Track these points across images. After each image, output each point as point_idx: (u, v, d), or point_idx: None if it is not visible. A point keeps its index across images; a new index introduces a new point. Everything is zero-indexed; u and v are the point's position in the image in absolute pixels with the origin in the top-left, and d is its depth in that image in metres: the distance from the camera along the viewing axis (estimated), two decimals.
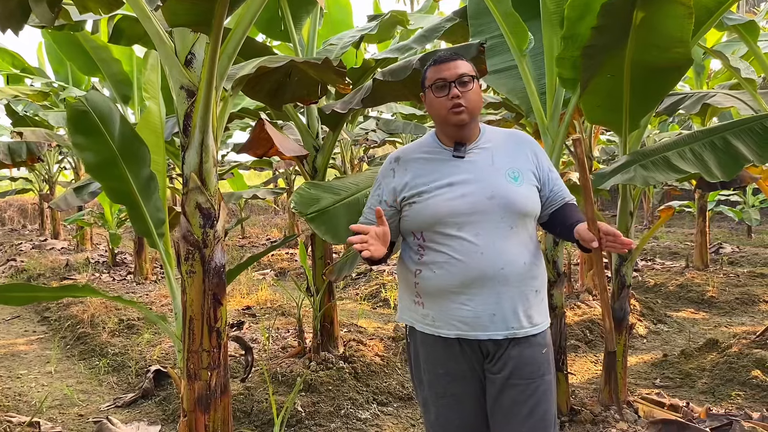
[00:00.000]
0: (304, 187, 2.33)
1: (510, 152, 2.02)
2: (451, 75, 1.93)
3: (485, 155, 1.99)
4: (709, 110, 6.17)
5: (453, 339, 1.97)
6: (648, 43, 2.81)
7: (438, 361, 2.02)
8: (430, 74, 1.99)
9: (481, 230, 1.90)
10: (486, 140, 2.03)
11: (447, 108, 1.94)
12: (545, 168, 2.07)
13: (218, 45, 1.96)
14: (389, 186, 2.05)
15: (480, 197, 1.92)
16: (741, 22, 4.52)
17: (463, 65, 1.95)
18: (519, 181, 1.96)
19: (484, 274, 1.89)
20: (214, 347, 2.20)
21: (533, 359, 1.96)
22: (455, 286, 1.92)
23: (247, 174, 15.87)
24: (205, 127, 2.09)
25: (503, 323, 1.92)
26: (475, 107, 1.96)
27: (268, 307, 6.49)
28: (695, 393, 4.18)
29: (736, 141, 3.09)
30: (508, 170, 1.97)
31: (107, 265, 9.09)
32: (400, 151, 2.12)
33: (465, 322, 1.93)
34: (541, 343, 1.99)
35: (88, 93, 2.31)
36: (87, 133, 2.27)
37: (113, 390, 4.51)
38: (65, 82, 8.95)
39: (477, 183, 1.94)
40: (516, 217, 1.93)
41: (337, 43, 4.71)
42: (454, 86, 1.92)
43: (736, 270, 8.03)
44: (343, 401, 3.95)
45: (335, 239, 2.76)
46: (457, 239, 1.91)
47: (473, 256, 1.89)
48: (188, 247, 2.17)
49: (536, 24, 3.42)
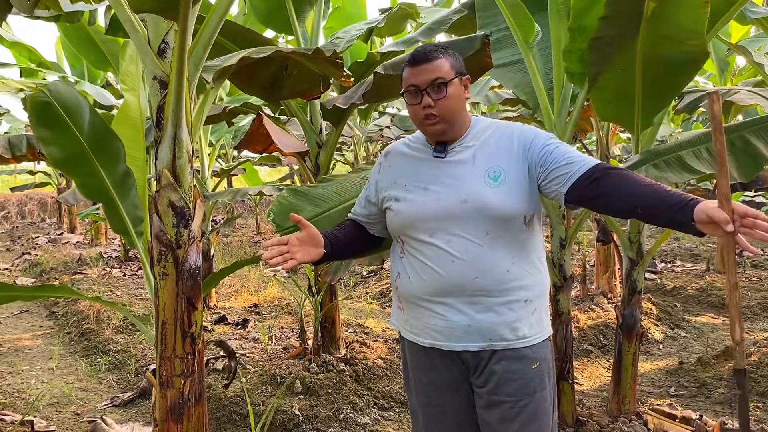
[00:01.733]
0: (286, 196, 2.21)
1: (495, 149, 1.83)
2: (422, 81, 1.76)
3: (467, 154, 1.83)
4: (732, 108, 5.94)
5: (429, 348, 1.85)
6: (660, 35, 2.64)
7: (422, 370, 1.92)
8: (404, 75, 1.83)
9: (453, 237, 1.76)
10: (472, 137, 1.86)
11: (420, 117, 1.80)
12: (539, 147, 1.79)
13: (187, 32, 1.83)
14: (375, 179, 1.97)
15: (453, 201, 1.78)
16: (765, 15, 4.31)
17: (438, 67, 1.76)
18: (500, 181, 1.77)
19: (457, 283, 1.76)
20: (188, 353, 2.09)
21: (521, 375, 1.80)
22: (428, 293, 1.80)
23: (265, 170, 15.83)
24: (178, 121, 1.98)
25: (479, 335, 1.78)
26: (452, 114, 1.79)
27: (275, 305, 6.40)
28: (711, 403, 3.99)
29: (755, 140, 2.91)
30: (489, 170, 1.79)
31: (119, 260, 9.08)
32: (392, 146, 2.03)
33: (439, 331, 1.81)
34: (532, 357, 1.82)
35: (52, 83, 2.20)
36: (51, 125, 2.16)
37: (112, 388, 4.45)
38: (81, 76, 8.93)
39: (451, 186, 1.80)
40: (493, 221, 1.76)
41: (344, 37, 4.58)
42: (426, 94, 1.76)
43: (759, 273, 7.75)
44: (342, 405, 3.83)
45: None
46: (429, 246, 1.79)
47: (445, 264, 1.76)
48: (161, 247, 2.06)
49: (543, 16, 3.26)
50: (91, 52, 7.11)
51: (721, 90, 5.01)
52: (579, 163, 1.72)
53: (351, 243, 2.00)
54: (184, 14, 1.74)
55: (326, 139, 4.27)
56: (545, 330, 1.88)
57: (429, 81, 1.75)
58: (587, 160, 1.73)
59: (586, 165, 1.71)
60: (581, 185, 1.70)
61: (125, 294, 6.90)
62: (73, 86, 2.24)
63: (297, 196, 2.24)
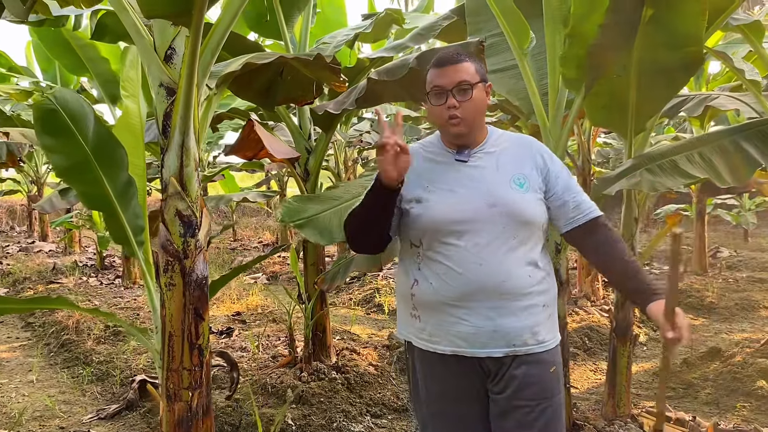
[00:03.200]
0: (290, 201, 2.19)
1: (517, 157, 1.88)
2: (448, 82, 1.79)
3: (490, 160, 1.86)
4: (708, 113, 6.07)
5: (450, 355, 1.83)
6: (657, 41, 2.67)
7: (436, 379, 1.88)
8: (429, 77, 1.85)
9: (481, 240, 1.76)
10: (492, 144, 1.89)
11: (444, 118, 1.81)
12: (556, 172, 1.89)
13: (199, 38, 1.80)
14: None
15: (481, 204, 1.78)
16: (746, 22, 4.40)
17: (465, 69, 1.80)
18: (525, 187, 1.82)
19: (484, 286, 1.75)
20: (196, 366, 2.04)
21: (540, 379, 1.81)
22: (453, 298, 1.78)
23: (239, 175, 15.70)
24: (186, 128, 1.94)
25: (504, 340, 1.78)
26: (476, 116, 1.83)
27: (259, 312, 6.33)
28: (699, 404, 4.05)
29: (747, 144, 2.96)
30: (514, 176, 1.83)
31: (95, 269, 8.91)
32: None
33: (463, 338, 1.79)
34: (549, 361, 1.84)
35: (57, 90, 2.15)
36: (56, 133, 2.09)
37: (97, 400, 4.34)
38: (53, 81, 8.74)
39: (479, 189, 1.81)
40: (520, 226, 1.79)
41: (330, 42, 4.57)
42: (451, 95, 1.78)
43: (734, 275, 7.93)
44: (335, 413, 3.79)
45: (327, 240, 2.58)
46: (456, 249, 1.78)
47: (472, 268, 1.76)
48: (167, 257, 2.01)
49: (537, 22, 3.27)
50: (66, 57, 6.97)
51: (701, 95, 5.10)
52: (584, 210, 1.87)
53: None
54: (198, 20, 1.71)
55: (316, 145, 4.24)
56: (557, 334, 1.91)
57: (455, 82, 1.78)
58: (590, 208, 1.88)
59: (588, 215, 1.87)
60: (577, 234, 1.88)
61: (104, 303, 6.76)
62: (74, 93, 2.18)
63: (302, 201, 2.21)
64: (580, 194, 1.90)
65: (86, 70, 7.10)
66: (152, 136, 4.14)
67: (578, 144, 6.30)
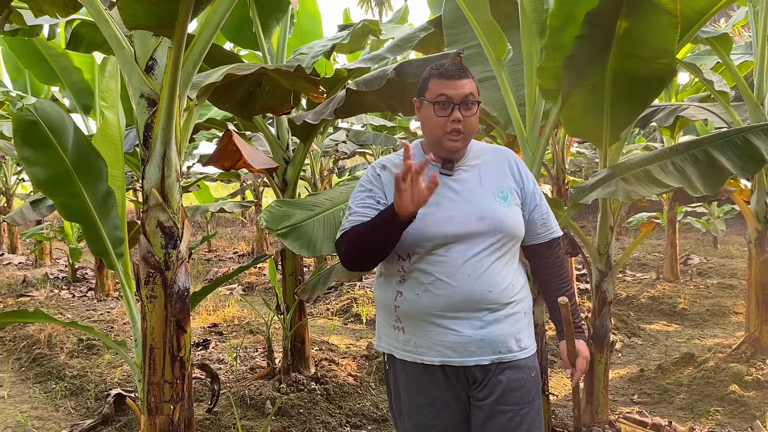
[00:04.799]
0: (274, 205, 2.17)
1: (497, 169, 1.92)
2: (457, 95, 1.79)
3: (473, 173, 1.89)
4: (678, 122, 6.20)
5: (437, 366, 1.84)
6: (631, 53, 2.73)
7: (420, 390, 1.89)
8: (434, 86, 1.82)
9: (469, 251, 1.79)
10: (473, 157, 1.92)
11: (444, 131, 1.81)
12: (530, 188, 1.96)
13: (182, 49, 1.79)
14: (381, 190, 1.88)
15: (469, 217, 1.81)
16: (715, 34, 4.52)
17: (469, 84, 1.81)
18: (508, 201, 1.87)
19: (471, 296, 1.78)
20: (178, 378, 2.02)
21: (522, 384, 1.86)
22: (440, 309, 1.80)
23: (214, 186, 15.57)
24: (168, 139, 1.93)
25: (491, 348, 1.82)
26: (473, 132, 1.85)
27: (236, 324, 6.27)
28: (674, 409, 4.11)
29: (718, 154, 3.03)
30: (497, 189, 1.88)
31: (67, 281, 8.75)
32: (386, 160, 1.96)
33: (451, 347, 1.81)
34: (530, 366, 1.90)
35: (37, 101, 2.12)
36: (36, 145, 2.06)
37: (71, 416, 4.25)
38: (23, 90, 8.62)
39: (466, 203, 1.84)
40: (505, 237, 1.84)
41: (308, 53, 4.58)
42: (458, 109, 1.78)
43: (705, 281, 8.07)
44: (314, 425, 3.78)
45: (311, 252, 2.58)
46: (444, 260, 1.79)
47: (460, 278, 1.78)
48: (149, 269, 1.99)
49: (514, 34, 3.32)
50: (38, 66, 6.89)
51: (671, 105, 5.22)
52: (549, 228, 1.98)
53: None
54: (181, 31, 1.70)
55: (294, 155, 4.23)
56: (534, 341, 1.97)
57: (463, 96, 1.79)
58: (554, 227, 2.00)
59: (552, 234, 1.99)
60: (537, 249, 1.99)
61: (77, 316, 6.64)
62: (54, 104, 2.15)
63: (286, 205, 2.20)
64: (547, 212, 1.99)
65: (58, 80, 7.02)
66: (127, 147, 4.10)
67: (553, 153, 6.38)
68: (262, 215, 2.10)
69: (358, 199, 1.90)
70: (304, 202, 2.27)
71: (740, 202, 4.73)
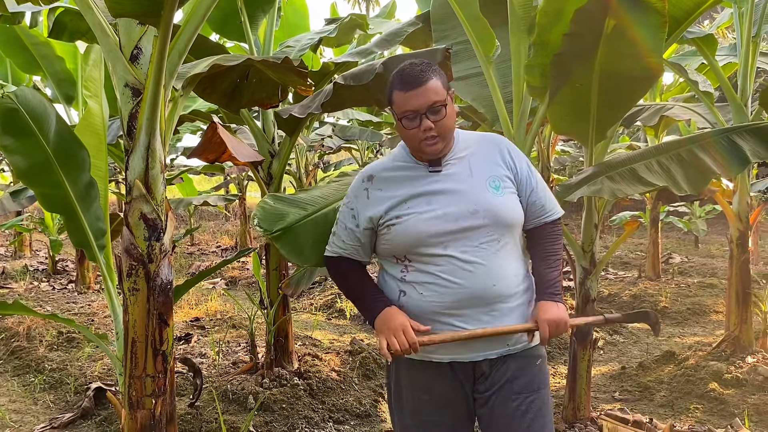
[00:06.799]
0: (267, 201, 2.14)
1: (487, 158, 1.89)
2: (420, 105, 1.74)
3: (463, 165, 1.86)
4: (663, 122, 6.24)
5: (445, 363, 1.83)
6: (619, 52, 2.73)
7: (425, 388, 1.87)
8: (397, 100, 1.79)
9: (467, 247, 1.77)
10: (461, 148, 1.89)
11: (419, 139, 1.78)
12: (524, 173, 1.91)
13: (168, 39, 1.76)
14: (364, 209, 1.87)
15: (463, 212, 1.79)
16: (700, 35, 4.55)
17: (432, 89, 1.75)
18: (501, 190, 1.84)
19: (476, 292, 1.76)
20: (160, 372, 1.99)
21: (526, 372, 1.85)
22: (445, 307, 1.78)
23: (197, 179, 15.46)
24: (152, 130, 1.90)
25: (499, 341, 1.81)
26: (449, 131, 1.82)
27: (218, 318, 6.22)
28: (654, 406, 4.14)
29: (702, 154, 3.04)
30: (488, 179, 1.84)
31: (47, 273, 8.64)
32: (371, 169, 1.95)
33: (460, 344, 1.79)
34: (535, 354, 1.89)
35: (19, 89, 2.07)
36: (17, 134, 2.02)
37: (50, 409, 4.20)
38: (4, 79, 8.47)
39: (458, 197, 1.81)
40: (502, 229, 1.81)
41: (295, 46, 4.54)
42: (425, 117, 1.75)
43: (686, 280, 8.14)
44: (297, 420, 3.76)
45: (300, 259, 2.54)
46: (444, 258, 1.77)
47: (462, 275, 1.76)
48: (131, 261, 1.96)
49: (502, 30, 3.32)
50: (19, 55, 6.76)
51: (656, 105, 5.25)
52: (548, 210, 1.95)
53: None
54: (167, 20, 1.68)
55: (280, 149, 4.20)
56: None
57: (427, 105, 1.74)
58: (553, 208, 1.97)
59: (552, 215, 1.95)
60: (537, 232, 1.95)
61: (57, 309, 6.55)
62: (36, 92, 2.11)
63: (279, 202, 2.17)
64: (545, 193, 1.94)
65: (39, 69, 6.90)
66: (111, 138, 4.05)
67: (538, 151, 6.41)
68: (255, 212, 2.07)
69: (343, 216, 1.93)
70: (297, 198, 2.24)
71: (723, 203, 4.77)
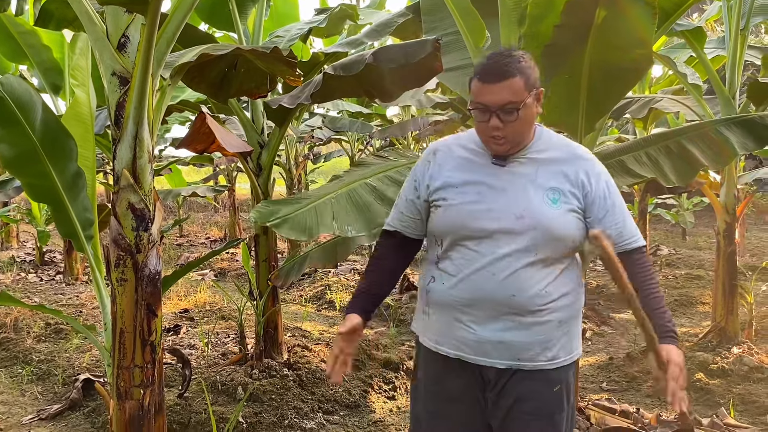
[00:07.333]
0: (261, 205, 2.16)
1: (559, 170, 1.75)
2: (493, 102, 1.63)
3: (529, 168, 1.74)
4: (651, 114, 6.27)
5: (453, 358, 1.79)
6: (609, 43, 2.74)
7: (436, 378, 1.85)
8: (473, 88, 1.69)
9: (500, 250, 1.69)
10: (538, 149, 1.76)
11: (487, 135, 1.70)
12: (600, 194, 1.74)
13: (155, 26, 1.75)
14: (425, 178, 1.83)
15: (507, 214, 1.69)
16: (689, 27, 4.57)
17: (512, 87, 1.62)
18: (559, 203, 1.70)
19: (492, 297, 1.70)
20: (148, 363, 1.99)
21: (539, 395, 1.75)
22: (460, 303, 1.74)
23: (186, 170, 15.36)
24: (140, 119, 1.88)
25: (509, 352, 1.72)
26: (520, 134, 1.70)
27: (207, 310, 6.21)
28: (641, 397, 4.18)
29: (691, 146, 3.07)
30: (549, 189, 1.72)
31: (35, 264, 8.58)
32: (440, 143, 1.90)
33: (467, 344, 1.75)
34: (554, 379, 1.76)
35: (4, 77, 2.05)
36: (3, 123, 1.98)
37: (37, 401, 4.18)
38: None
39: (508, 198, 1.71)
40: (545, 242, 1.69)
41: (284, 36, 4.52)
42: (495, 116, 1.64)
43: (674, 272, 8.21)
44: (287, 411, 3.76)
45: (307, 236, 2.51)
46: (472, 254, 1.72)
47: (483, 276, 1.69)
48: (119, 252, 1.95)
49: (493, 21, 3.31)
50: (4, 43, 6.66)
51: (645, 97, 5.28)
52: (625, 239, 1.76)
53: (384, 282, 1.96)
54: (155, 7, 1.66)
55: (269, 140, 4.18)
56: (574, 352, 1.84)
57: (500, 104, 1.63)
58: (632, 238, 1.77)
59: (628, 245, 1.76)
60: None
61: (45, 300, 6.52)
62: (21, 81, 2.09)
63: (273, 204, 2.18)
64: (623, 221, 1.77)
65: (26, 58, 6.82)
66: (98, 128, 4.02)
67: None
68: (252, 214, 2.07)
69: (405, 190, 1.90)
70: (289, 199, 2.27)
71: (710, 195, 4.81)
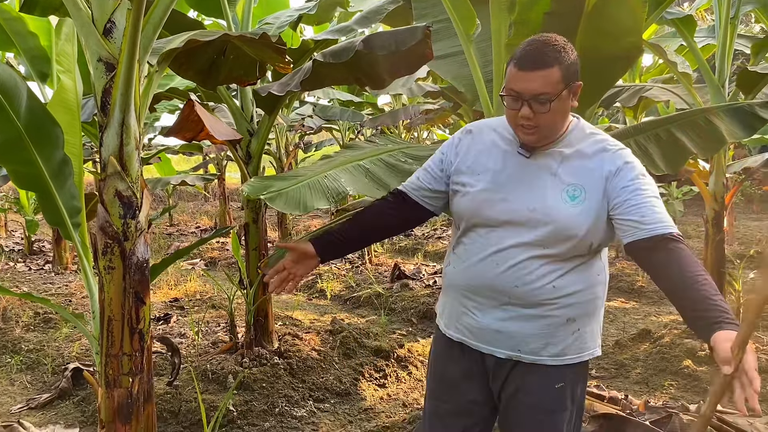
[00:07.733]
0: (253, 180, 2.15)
1: (584, 167, 1.68)
2: (526, 90, 1.58)
3: (553, 161, 1.70)
4: (641, 103, 6.28)
5: (456, 342, 1.84)
6: (599, 31, 2.72)
7: (444, 358, 1.90)
8: (509, 73, 1.64)
9: (508, 240, 1.68)
10: (567, 143, 1.71)
11: (516, 123, 1.66)
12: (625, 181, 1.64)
13: (141, 11, 1.73)
14: (453, 154, 1.84)
15: (520, 206, 1.68)
16: (679, 16, 4.57)
17: (548, 78, 1.56)
18: (578, 201, 1.65)
19: (494, 286, 1.71)
20: (136, 351, 1.98)
21: (538, 390, 1.74)
22: (466, 289, 1.78)
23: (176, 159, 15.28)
24: (127, 105, 1.86)
25: (508, 343, 1.73)
26: (550, 127, 1.65)
27: (198, 299, 6.20)
28: (630, 383, 4.21)
29: (680, 134, 3.07)
30: (570, 186, 1.67)
31: (23, 254, 8.53)
32: (474, 125, 1.88)
33: (470, 330, 1.79)
34: (555, 376, 1.74)
35: None
36: None
37: (27, 390, 4.17)
38: None
39: (525, 189, 1.69)
40: (556, 238, 1.65)
41: (274, 23, 4.48)
42: (527, 105, 1.59)
43: None
44: (277, 399, 3.77)
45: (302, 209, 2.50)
46: (481, 240, 1.74)
47: (488, 264, 1.71)
48: (107, 239, 1.93)
49: (483, 9, 3.30)
50: None
51: (635, 86, 5.28)
52: (648, 224, 1.58)
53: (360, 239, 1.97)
54: None
55: (258, 127, 4.16)
56: (585, 352, 1.78)
57: (533, 93, 1.58)
58: (657, 224, 1.58)
59: (652, 231, 1.57)
60: (638, 247, 1.60)
61: (33, 290, 6.48)
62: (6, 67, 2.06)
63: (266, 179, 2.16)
64: (649, 207, 1.60)
65: (12, 45, 6.72)
66: (86, 116, 3.98)
67: None
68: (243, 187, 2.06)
69: (432, 160, 1.90)
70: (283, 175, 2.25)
71: (699, 183, 4.83)
